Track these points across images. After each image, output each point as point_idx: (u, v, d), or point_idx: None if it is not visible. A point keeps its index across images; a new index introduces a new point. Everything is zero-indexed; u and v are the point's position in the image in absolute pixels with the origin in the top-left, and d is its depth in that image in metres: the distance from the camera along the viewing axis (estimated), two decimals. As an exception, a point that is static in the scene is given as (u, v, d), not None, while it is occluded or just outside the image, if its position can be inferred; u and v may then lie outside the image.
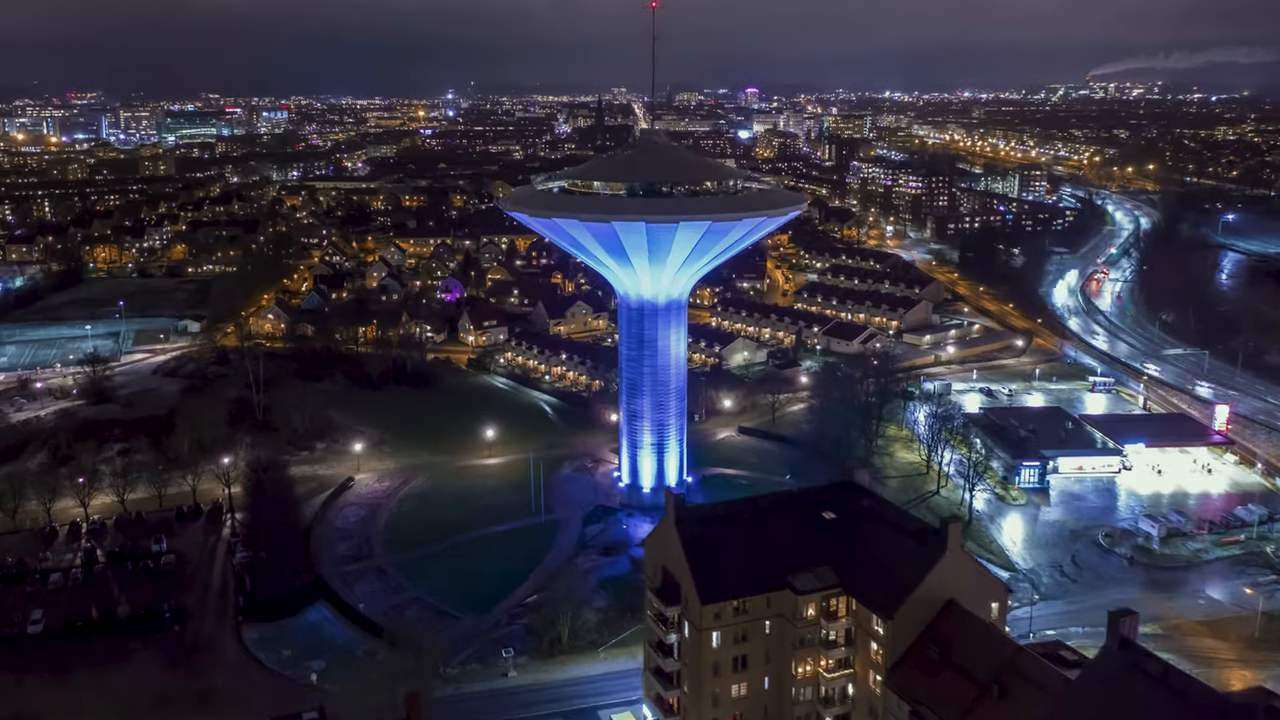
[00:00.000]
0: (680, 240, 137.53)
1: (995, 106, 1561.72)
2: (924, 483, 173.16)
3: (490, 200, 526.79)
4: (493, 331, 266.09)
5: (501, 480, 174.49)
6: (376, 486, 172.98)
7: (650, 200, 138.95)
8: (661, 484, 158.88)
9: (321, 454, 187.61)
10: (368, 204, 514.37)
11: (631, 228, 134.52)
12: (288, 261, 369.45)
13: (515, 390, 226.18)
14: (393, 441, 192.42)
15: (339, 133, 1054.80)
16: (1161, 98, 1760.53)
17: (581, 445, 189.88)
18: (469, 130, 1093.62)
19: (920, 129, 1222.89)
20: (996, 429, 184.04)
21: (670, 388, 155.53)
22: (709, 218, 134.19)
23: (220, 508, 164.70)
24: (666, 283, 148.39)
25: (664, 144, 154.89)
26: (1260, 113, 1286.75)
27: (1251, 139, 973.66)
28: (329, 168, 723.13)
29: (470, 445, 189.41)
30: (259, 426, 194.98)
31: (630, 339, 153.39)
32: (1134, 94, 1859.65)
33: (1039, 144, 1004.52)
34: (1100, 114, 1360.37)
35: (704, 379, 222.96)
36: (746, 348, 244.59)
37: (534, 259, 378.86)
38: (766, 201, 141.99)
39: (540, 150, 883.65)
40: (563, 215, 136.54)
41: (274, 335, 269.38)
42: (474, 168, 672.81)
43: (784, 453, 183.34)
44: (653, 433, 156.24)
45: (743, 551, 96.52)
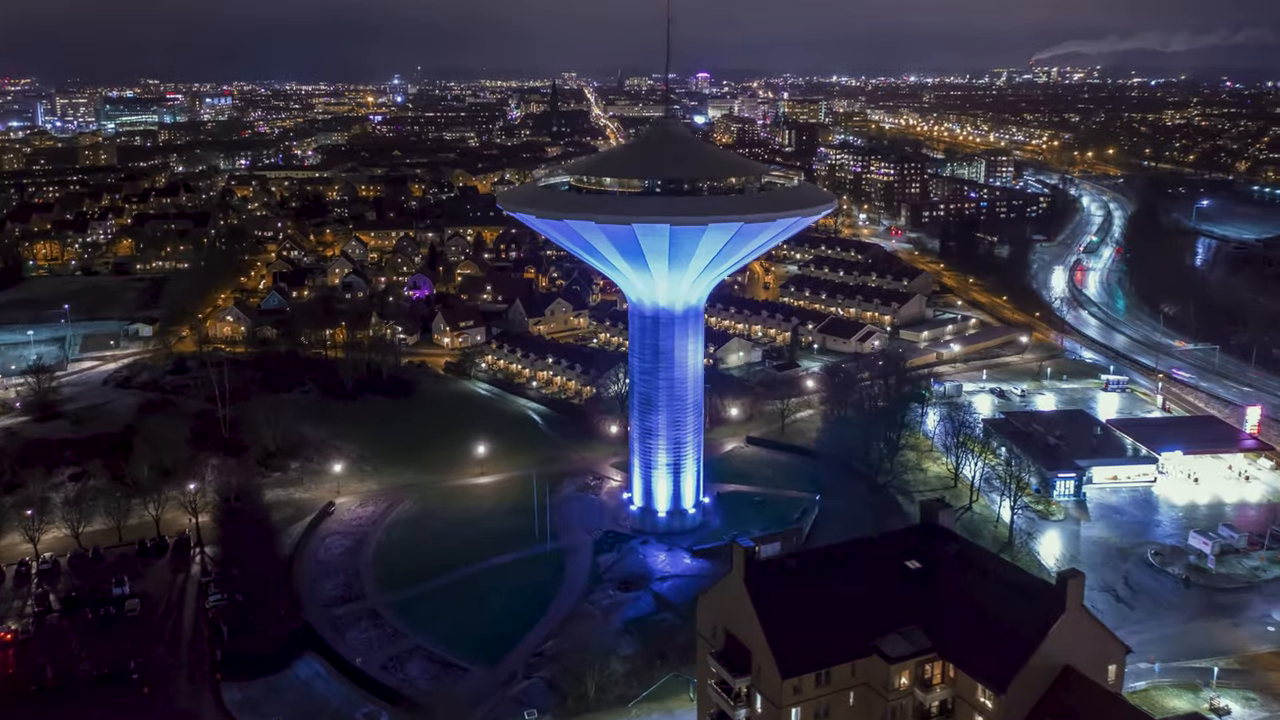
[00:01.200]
0: (706, 243, 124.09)
1: (943, 91, 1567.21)
2: (953, 498, 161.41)
3: (450, 190, 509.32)
4: (469, 332, 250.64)
5: (497, 502, 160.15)
6: (360, 512, 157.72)
7: (672, 199, 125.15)
8: (678, 506, 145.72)
9: (296, 475, 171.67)
10: (323, 194, 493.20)
11: (653, 230, 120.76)
12: (243, 257, 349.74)
13: (500, 398, 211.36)
14: (373, 459, 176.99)
15: (286, 119, 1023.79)
16: (1102, 82, 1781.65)
17: (580, 460, 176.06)
18: (419, 117, 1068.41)
19: (874, 114, 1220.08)
20: (1022, 436, 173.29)
21: (688, 402, 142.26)
22: (740, 218, 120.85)
23: (187, 541, 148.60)
24: (685, 289, 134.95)
25: (681, 134, 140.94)
26: (1200, 96, 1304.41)
27: (1199, 123, 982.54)
28: (278, 156, 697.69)
29: (458, 462, 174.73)
30: (225, 445, 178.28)
31: (644, 350, 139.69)
32: (1075, 78, 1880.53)
33: (993, 128, 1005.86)
34: (1047, 98, 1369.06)
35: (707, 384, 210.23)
36: (742, 347, 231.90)
37: (503, 252, 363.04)
38: (799, 199, 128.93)
39: (496, 137, 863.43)
40: (575, 216, 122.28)
41: (234, 339, 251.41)
42: (430, 155, 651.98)
43: (800, 465, 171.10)
44: (668, 452, 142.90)
45: (821, 612, 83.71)
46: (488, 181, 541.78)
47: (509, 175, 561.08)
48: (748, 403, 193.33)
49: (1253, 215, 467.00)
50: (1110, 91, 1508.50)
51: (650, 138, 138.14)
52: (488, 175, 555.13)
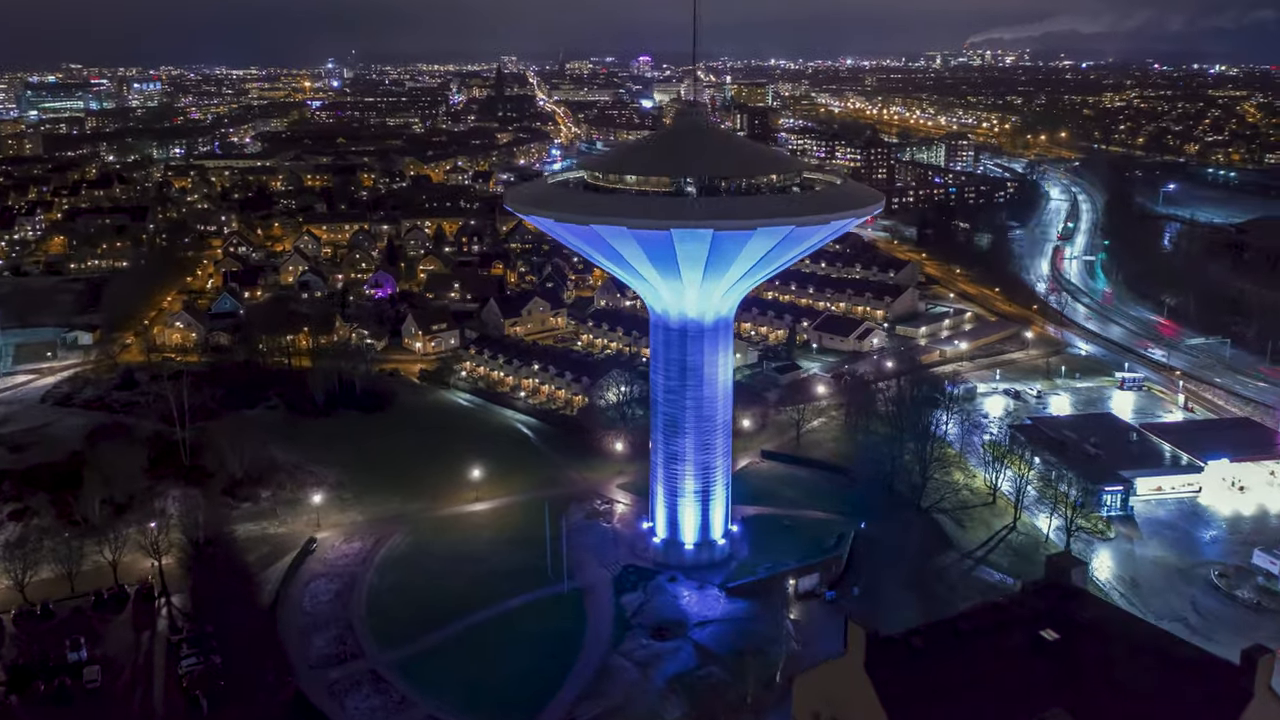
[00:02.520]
0: (751, 249, 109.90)
1: (883, 74, 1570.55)
2: (991, 515, 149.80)
3: (402, 179, 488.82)
4: (442, 336, 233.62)
5: (497, 532, 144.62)
6: (346, 549, 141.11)
7: (713, 200, 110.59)
8: (706, 537, 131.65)
9: (268, 505, 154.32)
10: (267, 185, 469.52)
11: (693, 235, 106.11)
12: (186, 254, 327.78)
13: (484, 409, 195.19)
14: (354, 485, 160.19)
15: (219, 105, 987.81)
16: (1034, 64, 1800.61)
17: (582, 481, 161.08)
18: (359, 102, 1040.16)
19: (821, 97, 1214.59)
20: (1055, 444, 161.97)
21: (718, 423, 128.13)
22: (792, 221, 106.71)
23: (151, 589, 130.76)
24: (717, 299, 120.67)
25: (708, 125, 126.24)
26: (1133, 79, 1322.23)
27: (1138, 105, 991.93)
28: (215, 144, 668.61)
29: (448, 485, 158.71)
30: (186, 473, 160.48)
31: (669, 366, 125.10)
32: (1007, 61, 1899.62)
33: (939, 111, 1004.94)
34: (985, 80, 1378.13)
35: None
36: (737, 348, 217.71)
37: (465, 245, 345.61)
38: (850, 199, 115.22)
39: (442, 122, 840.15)
40: (604, 221, 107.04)
41: (185, 347, 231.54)
42: (376, 143, 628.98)
43: (822, 482, 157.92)
44: (696, 478, 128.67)
45: (950, 696, 70.20)
46: (440, 169, 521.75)
47: (461, 163, 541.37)
48: (757, 412, 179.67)
49: (1215, 199, 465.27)
50: (1045, 74, 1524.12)
51: (677, 130, 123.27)
52: (439, 163, 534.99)
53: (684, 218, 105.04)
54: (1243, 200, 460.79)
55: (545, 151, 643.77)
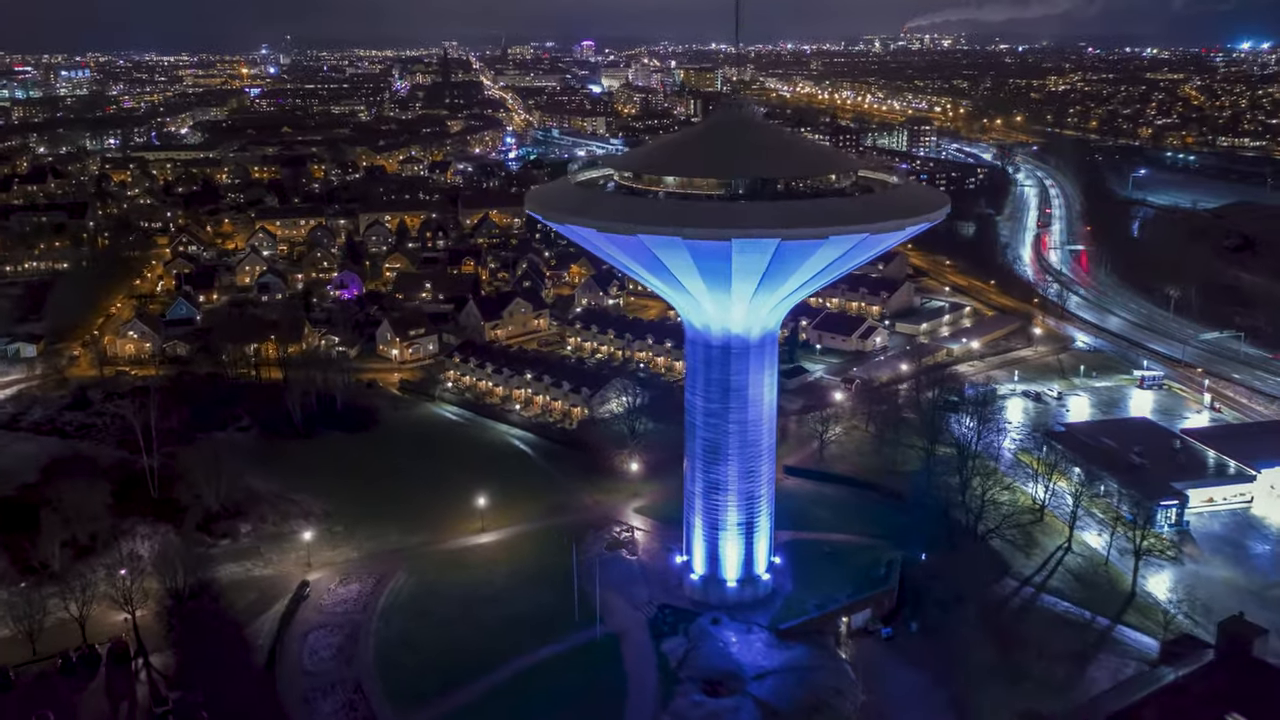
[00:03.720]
0: (816, 259, 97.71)
1: (825, 59, 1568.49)
2: (1040, 533, 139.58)
3: (354, 170, 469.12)
4: (420, 343, 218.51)
5: (511, 568, 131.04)
6: (343, 593, 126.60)
7: (776, 205, 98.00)
8: (750, 573, 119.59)
9: (250, 543, 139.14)
10: (211, 178, 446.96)
11: (756, 246, 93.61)
12: (131, 253, 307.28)
13: (475, 425, 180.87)
14: (344, 516, 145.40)
15: (153, 93, 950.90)
16: (970, 48, 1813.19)
17: (595, 505, 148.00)
18: (299, 89, 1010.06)
19: (769, 82, 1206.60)
20: (1095, 453, 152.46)
21: (763, 448, 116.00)
22: (866, 228, 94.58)
23: (125, 648, 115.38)
24: (765, 313, 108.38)
25: (758, 119, 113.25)
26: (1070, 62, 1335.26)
27: (1083, 88, 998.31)
28: (152, 134, 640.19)
29: (449, 514, 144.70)
30: (156, 507, 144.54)
31: (710, 387, 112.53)
32: (944, 44, 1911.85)
33: (889, 95, 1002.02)
34: (929, 65, 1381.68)
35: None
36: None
37: (429, 240, 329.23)
38: (922, 201, 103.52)
39: (388, 110, 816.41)
40: (655, 230, 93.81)
41: (140, 359, 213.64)
42: (323, 132, 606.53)
43: (854, 500, 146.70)
44: (740, 509, 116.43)
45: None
46: (394, 160, 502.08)
47: (415, 152, 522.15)
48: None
49: (1178, 183, 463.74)
50: (985, 58, 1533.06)
51: (720, 124, 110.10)
52: (393, 153, 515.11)
53: (747, 225, 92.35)
54: (1207, 184, 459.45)
55: (500, 139, 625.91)
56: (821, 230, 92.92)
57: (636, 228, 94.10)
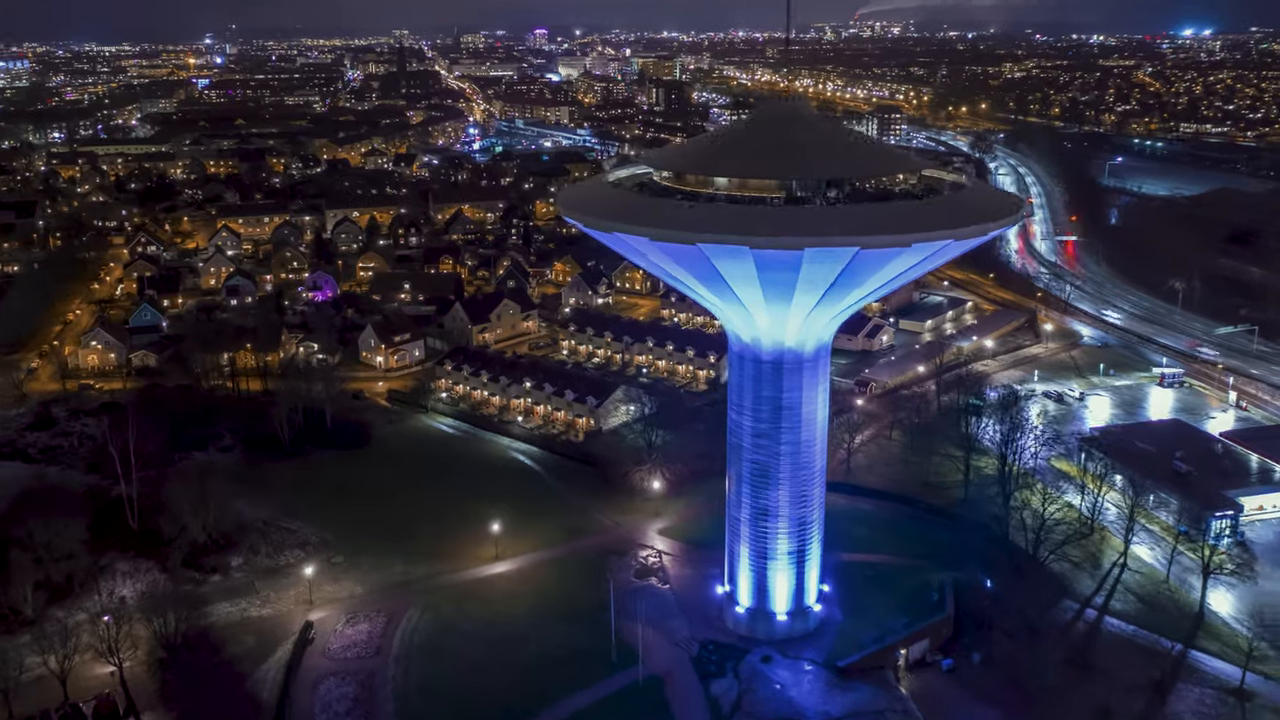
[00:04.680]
0: (891, 268, 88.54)
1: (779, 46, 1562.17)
2: (1094, 548, 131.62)
3: (315, 164, 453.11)
4: (406, 349, 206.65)
5: (534, 601, 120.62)
6: (352, 635, 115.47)
7: (849, 210, 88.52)
8: (800, 605, 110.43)
9: (243, 579, 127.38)
10: (166, 173, 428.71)
11: (830, 255, 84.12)
12: (86, 255, 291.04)
13: (474, 438, 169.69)
14: (343, 545, 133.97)
15: (97, 85, 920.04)
16: (921, 35, 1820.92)
17: (614, 528, 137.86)
18: (249, 80, 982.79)
19: (727, 70, 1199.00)
20: (1135, 459, 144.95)
21: (815, 471, 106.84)
22: (950, 234, 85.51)
23: (113, 706, 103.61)
24: (822, 325, 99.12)
25: (811, 114, 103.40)
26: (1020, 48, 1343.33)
27: (1039, 76, 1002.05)
28: (98, 127, 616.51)
29: (459, 541, 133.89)
30: (136, 540, 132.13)
31: (759, 406, 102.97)
32: (894, 32, 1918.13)
33: (849, 83, 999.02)
34: (884, 52, 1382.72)
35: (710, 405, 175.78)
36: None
37: (401, 237, 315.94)
38: (1000, 203, 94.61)
39: (344, 101, 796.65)
40: (718, 238, 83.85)
41: (104, 371, 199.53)
42: (278, 124, 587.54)
43: (889, 515, 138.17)
44: (791, 537, 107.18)
45: None
46: (357, 153, 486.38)
47: (378, 144, 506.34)
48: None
49: (1152, 170, 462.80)
50: (937, 45, 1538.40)
51: (768, 118, 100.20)
52: (354, 145, 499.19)
53: (823, 233, 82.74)
54: (1180, 171, 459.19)
55: (462, 130, 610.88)
56: (904, 238, 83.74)
57: (698, 236, 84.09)
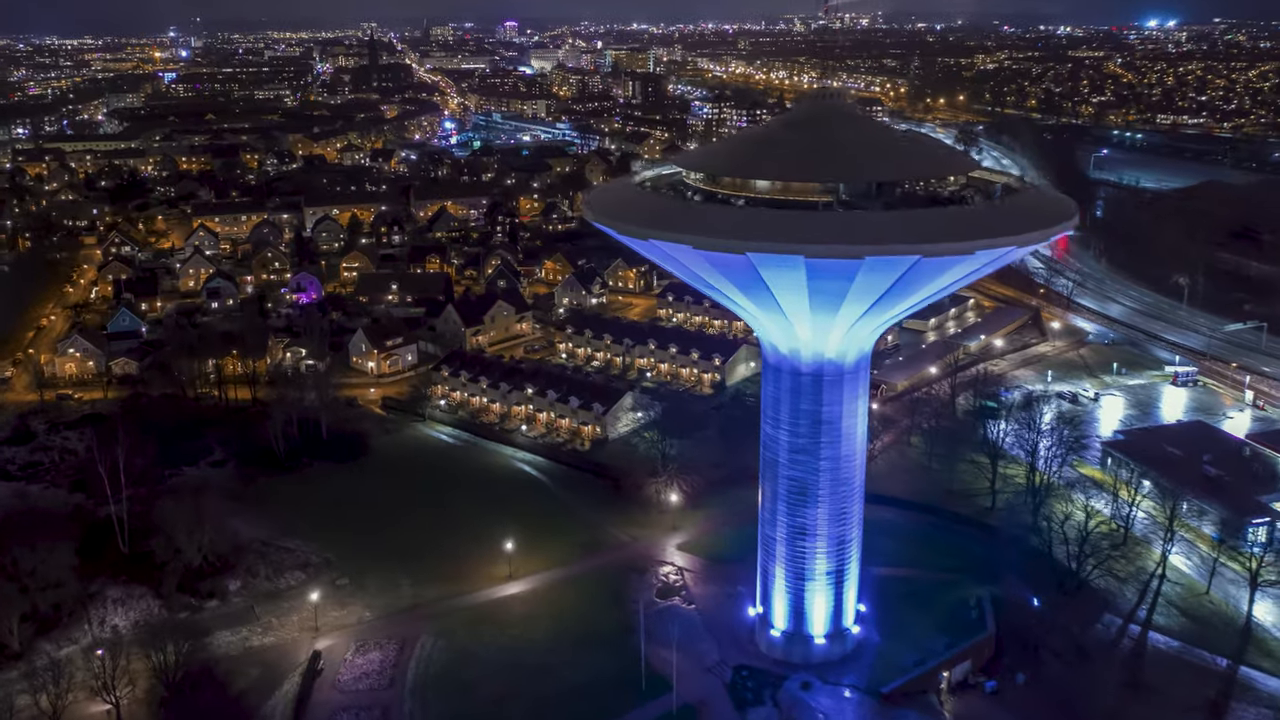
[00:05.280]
0: (946, 276, 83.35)
1: (750, 38, 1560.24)
2: (1133, 559, 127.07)
3: (291, 159, 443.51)
4: (399, 353, 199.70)
5: (554, 625, 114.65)
6: (363, 664, 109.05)
7: (908, 215, 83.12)
8: (839, 627, 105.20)
9: (242, 603, 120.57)
10: (137, 170, 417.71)
11: (889, 264, 78.69)
12: (56, 256, 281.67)
13: (476, 448, 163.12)
14: (347, 566, 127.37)
15: (60, 79, 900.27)
16: (889, 27, 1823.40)
17: (630, 542, 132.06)
18: (217, 74, 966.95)
19: (701, 62, 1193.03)
20: (1162, 463, 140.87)
21: (855, 487, 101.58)
22: (1014, 240, 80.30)
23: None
24: (865, 335, 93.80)
25: (850, 109, 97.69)
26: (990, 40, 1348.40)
27: (1011, 67, 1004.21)
28: (64, 123, 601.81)
29: (469, 560, 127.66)
30: (128, 565, 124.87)
31: (797, 420, 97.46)
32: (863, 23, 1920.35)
33: (822, 75, 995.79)
34: (854, 44, 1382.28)
35: (718, 410, 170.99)
36: (750, 355, 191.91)
37: (383, 235, 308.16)
38: (1058, 206, 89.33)
39: (315, 95, 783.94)
40: (770, 247, 78.18)
41: (83, 379, 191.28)
42: (249, 118, 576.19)
43: (914, 524, 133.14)
44: (830, 556, 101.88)
45: None
46: (333, 148, 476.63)
47: (354, 139, 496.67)
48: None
49: (1135, 162, 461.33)
50: (909, 37, 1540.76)
51: (809, 116, 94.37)
52: (330, 140, 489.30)
53: (883, 240, 77.24)
54: (1164, 164, 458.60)
55: (438, 124, 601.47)
56: (967, 245, 78.37)
57: (748, 245, 78.32)
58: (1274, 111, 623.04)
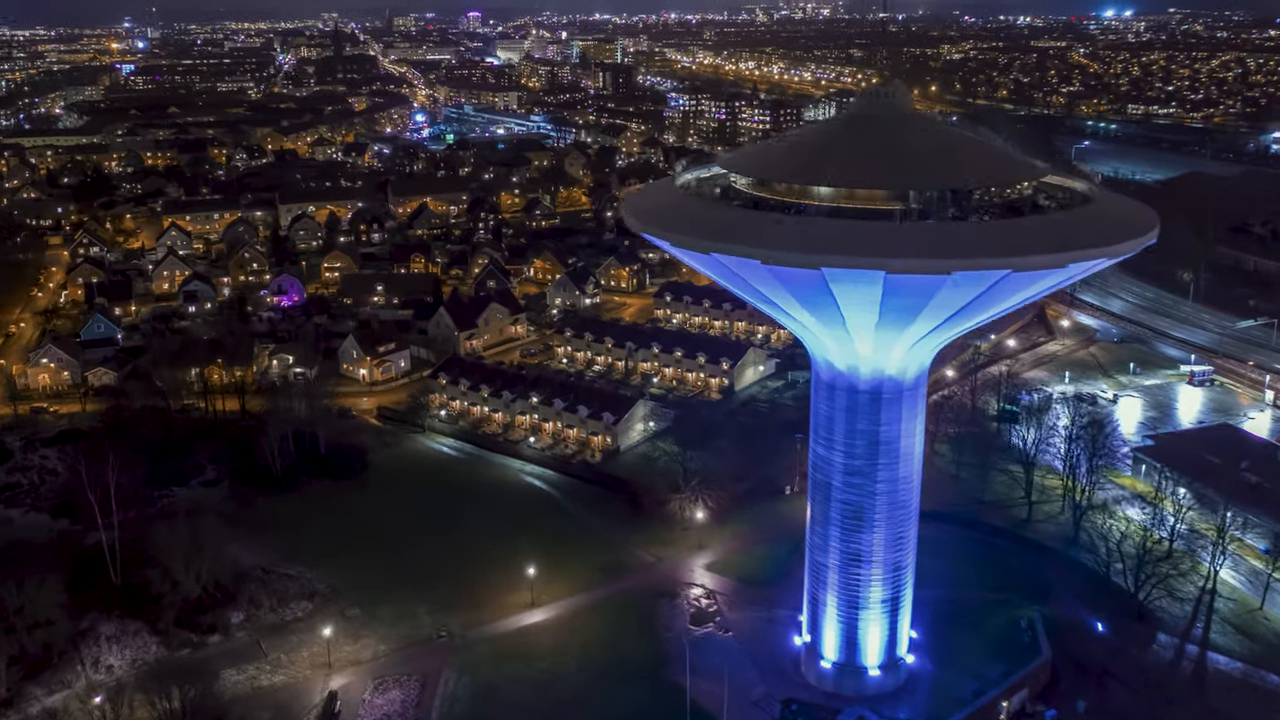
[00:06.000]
0: (1031, 289, 77.49)
1: (713, 28, 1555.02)
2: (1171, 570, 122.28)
3: (261, 154, 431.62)
4: (391, 359, 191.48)
5: (584, 656, 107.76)
6: (382, 704, 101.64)
7: (998, 226, 77.07)
8: (893, 657, 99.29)
9: (247, 637, 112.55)
10: (101, 166, 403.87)
11: (976, 279, 72.56)
12: (20, 257, 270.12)
13: (481, 461, 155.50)
14: (356, 594, 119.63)
15: (14, 72, 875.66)
16: (851, 17, 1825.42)
17: (654, 563, 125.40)
18: (177, 65, 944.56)
19: (669, 53, 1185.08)
20: (1199, 470, 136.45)
21: (912, 510, 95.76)
22: (1104, 251, 74.43)
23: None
24: (928, 350, 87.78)
25: (909, 109, 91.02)
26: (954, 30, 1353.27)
27: (977, 57, 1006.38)
28: (20, 117, 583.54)
29: (485, 585, 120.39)
30: (119, 598, 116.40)
31: (853, 440, 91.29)
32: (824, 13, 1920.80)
33: (791, 65, 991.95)
34: (818, 34, 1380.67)
35: (731, 417, 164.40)
36: (757, 358, 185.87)
37: (363, 234, 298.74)
38: (1140, 216, 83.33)
39: (280, 87, 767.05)
40: (849, 261, 71.79)
41: (59, 391, 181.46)
42: (214, 112, 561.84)
43: (958, 541, 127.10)
44: (885, 584, 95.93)
45: None
46: (303, 142, 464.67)
47: (325, 133, 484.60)
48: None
49: (1112, 153, 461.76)
50: (872, 27, 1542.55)
51: (864, 117, 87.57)
52: (300, 134, 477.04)
53: (969, 253, 71.07)
54: (1137, 154, 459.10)
55: (408, 117, 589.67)
56: (1059, 257, 72.42)
57: (825, 259, 71.81)
58: (1243, 102, 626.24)
